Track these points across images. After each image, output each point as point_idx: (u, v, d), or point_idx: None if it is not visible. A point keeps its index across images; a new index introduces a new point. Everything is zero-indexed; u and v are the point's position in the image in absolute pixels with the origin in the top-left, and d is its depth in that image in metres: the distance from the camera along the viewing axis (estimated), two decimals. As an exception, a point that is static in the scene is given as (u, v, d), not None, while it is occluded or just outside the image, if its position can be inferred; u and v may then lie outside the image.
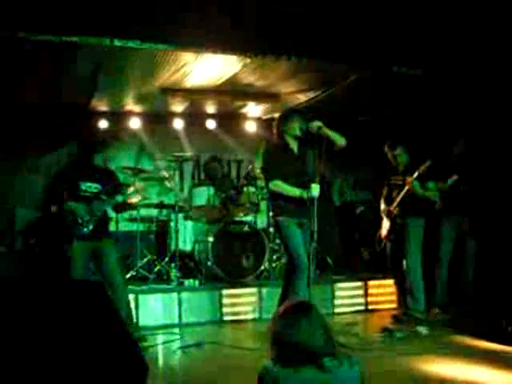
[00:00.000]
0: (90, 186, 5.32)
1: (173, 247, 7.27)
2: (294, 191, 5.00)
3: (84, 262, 5.24)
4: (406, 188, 5.84)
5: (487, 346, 5.08)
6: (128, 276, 6.87)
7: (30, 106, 7.43)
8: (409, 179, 5.82)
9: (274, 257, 7.58)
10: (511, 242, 6.42)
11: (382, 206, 6.25)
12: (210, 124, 8.65)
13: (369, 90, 6.92)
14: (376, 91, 7.01)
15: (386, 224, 6.13)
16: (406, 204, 5.88)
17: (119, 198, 5.47)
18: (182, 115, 8.54)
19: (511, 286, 6.14)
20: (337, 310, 6.80)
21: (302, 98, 7.53)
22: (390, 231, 6.05)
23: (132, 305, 5.80)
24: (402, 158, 6.06)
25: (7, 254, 7.26)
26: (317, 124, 4.92)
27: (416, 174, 5.77)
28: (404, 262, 5.79)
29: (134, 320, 5.62)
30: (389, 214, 6.02)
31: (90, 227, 5.23)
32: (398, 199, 5.91)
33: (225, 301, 6.53)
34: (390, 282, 6.82)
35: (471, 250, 6.57)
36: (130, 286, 6.17)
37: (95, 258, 5.33)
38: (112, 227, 6.15)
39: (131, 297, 5.86)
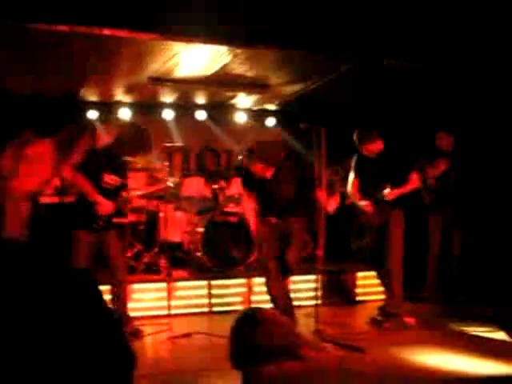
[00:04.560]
0: (113, 179, 5.30)
1: (162, 238, 7.27)
2: None
3: (89, 252, 5.23)
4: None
5: (475, 335, 5.13)
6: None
7: (17, 96, 7.36)
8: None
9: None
10: (497, 233, 6.49)
11: (357, 198, 6.03)
12: (200, 115, 8.63)
13: (360, 81, 6.92)
14: (367, 82, 7.01)
15: (364, 214, 6.02)
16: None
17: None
18: (171, 106, 8.51)
19: (498, 276, 6.21)
20: (325, 301, 6.82)
21: (293, 88, 7.53)
22: (373, 223, 5.96)
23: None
24: (374, 148, 5.81)
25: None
26: None
27: (388, 189, 5.71)
28: (386, 255, 5.75)
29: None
30: (375, 209, 5.89)
31: (105, 221, 5.23)
32: (379, 196, 5.77)
33: (214, 291, 6.54)
34: (375, 273, 6.86)
35: (457, 241, 6.62)
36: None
37: (100, 248, 5.33)
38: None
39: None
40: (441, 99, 7.10)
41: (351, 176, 6.08)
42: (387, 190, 5.60)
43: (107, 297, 5.28)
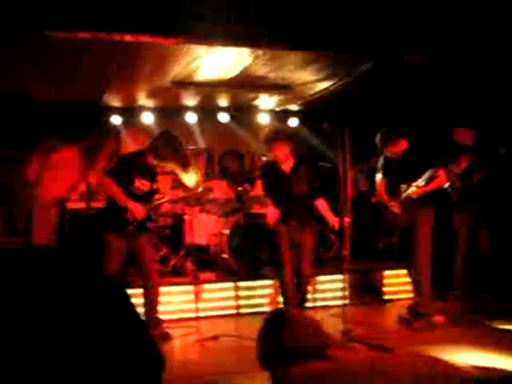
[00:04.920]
0: (144, 184, 5.31)
1: (188, 241, 7.30)
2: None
3: (120, 256, 5.25)
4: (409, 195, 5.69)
5: (504, 333, 5.05)
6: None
7: (41, 104, 7.47)
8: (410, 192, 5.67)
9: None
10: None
11: (386, 198, 6.01)
12: (223, 117, 8.64)
13: (381, 78, 6.88)
14: (388, 80, 6.96)
15: (394, 214, 5.97)
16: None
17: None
18: (194, 109, 8.54)
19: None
20: (352, 301, 6.77)
21: (316, 88, 7.50)
22: (402, 221, 5.91)
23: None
24: (398, 149, 5.77)
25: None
26: None
27: (413, 188, 5.61)
28: (414, 253, 5.69)
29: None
30: (402, 207, 5.83)
31: (137, 226, 5.25)
32: (405, 195, 5.72)
33: (241, 293, 6.54)
34: (406, 271, 6.80)
35: (484, 239, 6.53)
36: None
37: (131, 252, 5.35)
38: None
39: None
40: (464, 96, 7.02)
41: (378, 176, 6.06)
42: (413, 189, 5.55)
43: (139, 300, 5.32)
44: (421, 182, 5.52)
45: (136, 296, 5.41)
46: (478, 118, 6.74)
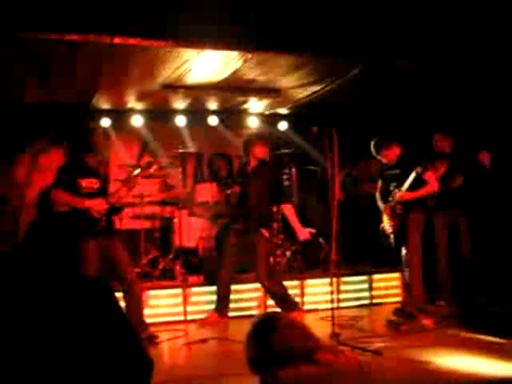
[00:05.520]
0: (91, 182, 5.31)
1: (177, 244, 7.28)
2: None
3: (97, 260, 5.21)
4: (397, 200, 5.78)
5: (492, 337, 5.07)
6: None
7: (31, 105, 7.43)
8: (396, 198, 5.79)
9: (278, 252, 7.57)
10: (507, 234, 6.45)
11: (380, 203, 6.16)
12: (213, 120, 8.63)
13: (372, 83, 6.90)
14: (378, 84, 6.99)
15: (386, 219, 6.06)
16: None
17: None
18: (184, 112, 8.52)
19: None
20: (342, 304, 6.78)
21: (305, 91, 7.51)
22: (393, 226, 5.97)
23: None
24: (392, 155, 5.98)
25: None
26: None
27: (402, 191, 5.69)
28: (405, 256, 5.75)
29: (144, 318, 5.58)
30: (391, 212, 5.92)
31: (103, 223, 5.24)
32: (395, 200, 5.81)
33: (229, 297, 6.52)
34: (395, 275, 6.83)
35: (466, 242, 6.57)
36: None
37: (106, 255, 5.31)
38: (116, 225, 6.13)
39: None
40: (452, 99, 7.07)
41: (379, 182, 6.21)
42: (399, 193, 5.63)
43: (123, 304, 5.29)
44: (405, 186, 5.61)
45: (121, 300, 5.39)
46: (458, 124, 6.81)
